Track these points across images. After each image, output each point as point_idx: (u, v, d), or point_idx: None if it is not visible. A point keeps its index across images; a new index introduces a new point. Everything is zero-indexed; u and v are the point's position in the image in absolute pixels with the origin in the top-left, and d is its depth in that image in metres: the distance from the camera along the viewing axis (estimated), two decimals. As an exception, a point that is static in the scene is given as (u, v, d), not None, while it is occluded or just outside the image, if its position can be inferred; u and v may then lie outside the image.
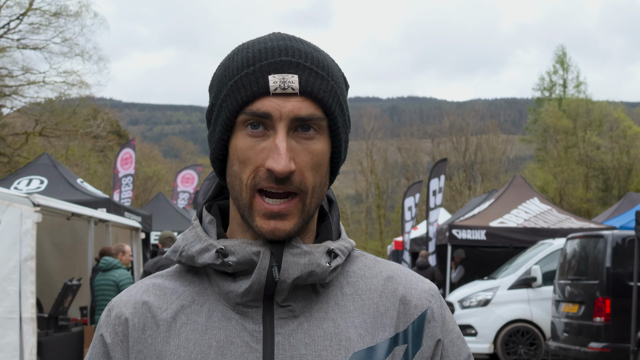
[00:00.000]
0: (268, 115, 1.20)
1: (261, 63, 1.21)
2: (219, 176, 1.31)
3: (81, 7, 30.14)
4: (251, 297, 1.24)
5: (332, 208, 1.36)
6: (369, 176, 60.37)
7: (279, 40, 1.24)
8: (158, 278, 1.35)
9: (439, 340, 1.30)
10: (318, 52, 1.26)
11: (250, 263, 1.23)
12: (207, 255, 1.25)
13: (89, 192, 13.96)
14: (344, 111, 1.27)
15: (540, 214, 17.77)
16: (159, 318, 1.28)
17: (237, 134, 1.23)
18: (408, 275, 1.34)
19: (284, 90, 1.20)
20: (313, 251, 1.24)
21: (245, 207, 1.22)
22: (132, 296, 1.32)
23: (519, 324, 13.35)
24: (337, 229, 1.33)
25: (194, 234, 1.29)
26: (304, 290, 1.26)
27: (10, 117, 32.29)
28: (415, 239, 21.80)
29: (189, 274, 1.33)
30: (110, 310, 1.32)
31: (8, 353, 7.31)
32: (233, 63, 1.24)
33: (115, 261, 9.71)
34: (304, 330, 1.24)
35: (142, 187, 49.00)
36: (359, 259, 1.36)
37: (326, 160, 1.25)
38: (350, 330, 1.26)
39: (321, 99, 1.22)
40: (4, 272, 7.38)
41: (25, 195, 8.06)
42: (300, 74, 1.21)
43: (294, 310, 1.25)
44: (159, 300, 1.30)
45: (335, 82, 1.25)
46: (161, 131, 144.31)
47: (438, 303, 1.33)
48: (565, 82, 49.19)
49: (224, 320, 1.25)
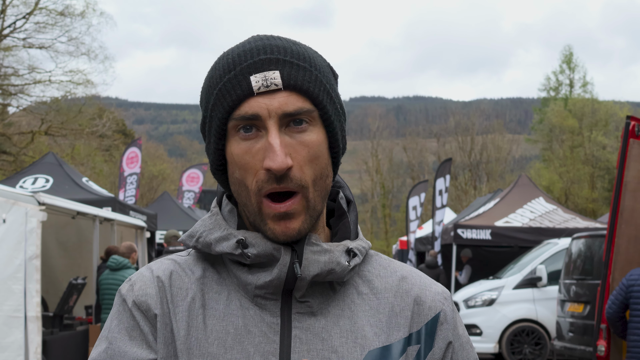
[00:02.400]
0: (256, 116, 1.20)
1: (241, 66, 1.21)
2: (223, 187, 1.32)
3: (87, 6, 30.22)
4: (270, 291, 1.24)
5: (350, 208, 1.36)
6: (375, 175, 60.33)
7: (257, 41, 1.24)
8: (177, 260, 1.33)
9: (450, 342, 1.31)
10: (297, 45, 1.25)
11: (270, 257, 1.23)
12: (225, 244, 1.25)
13: (94, 191, 13.98)
14: (333, 99, 1.26)
15: (545, 214, 17.74)
16: (178, 300, 1.27)
17: (231, 141, 1.23)
18: (421, 277, 1.37)
19: (267, 88, 1.20)
20: (333, 249, 1.25)
21: (255, 213, 1.23)
22: (153, 272, 1.30)
23: (524, 324, 13.32)
24: (355, 228, 1.34)
25: (214, 221, 1.29)
26: (322, 287, 1.27)
27: (16, 116, 32.35)
28: (420, 239, 21.78)
29: (205, 261, 1.32)
30: (133, 284, 1.29)
31: (13, 352, 7.33)
32: (216, 72, 1.25)
33: (125, 261, 9.69)
34: (321, 326, 1.25)
35: (147, 186, 49.06)
36: (374, 258, 1.37)
37: (324, 150, 1.24)
38: (366, 329, 1.27)
39: (306, 90, 1.21)
40: (9, 270, 7.40)
41: (30, 194, 8.07)
42: (281, 69, 1.21)
43: (312, 307, 1.26)
44: (179, 281, 1.29)
45: (319, 72, 1.24)
46: (167, 130, 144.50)
47: (450, 306, 1.35)
48: (572, 81, 49.09)
49: (242, 309, 1.26)
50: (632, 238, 6.14)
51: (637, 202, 6.11)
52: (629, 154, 6.06)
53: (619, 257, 6.13)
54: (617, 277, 6.15)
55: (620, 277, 6.15)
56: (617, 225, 6.10)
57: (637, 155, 6.09)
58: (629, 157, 6.06)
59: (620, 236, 6.10)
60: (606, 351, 6.25)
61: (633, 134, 6.08)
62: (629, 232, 6.12)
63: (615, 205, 6.11)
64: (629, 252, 6.14)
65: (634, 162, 6.07)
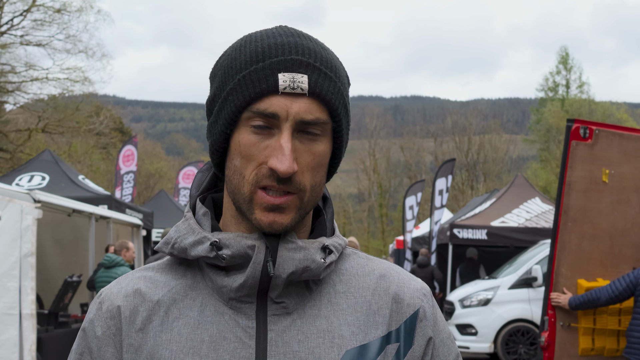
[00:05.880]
0: (275, 115, 1.18)
1: (271, 60, 1.19)
2: (216, 167, 1.30)
3: (85, 3, 30.19)
4: (245, 292, 1.23)
5: (326, 205, 1.35)
6: (372, 175, 60.36)
7: (289, 37, 1.22)
8: (149, 270, 1.33)
9: (430, 338, 1.30)
10: (326, 51, 1.24)
11: (245, 257, 1.22)
12: (200, 248, 1.23)
13: (90, 189, 13.97)
14: (347, 112, 1.26)
15: (541, 214, 17.75)
16: (151, 311, 1.26)
17: (241, 129, 1.21)
18: (400, 274, 1.34)
19: (293, 90, 1.17)
20: (308, 247, 1.23)
21: (244, 201, 1.21)
22: (122, 288, 1.30)
23: (520, 324, 13.33)
24: (331, 225, 1.32)
25: (187, 226, 1.27)
26: (297, 287, 1.25)
27: (13, 113, 32.34)
28: (416, 238, 21.78)
29: (181, 266, 1.31)
30: (102, 303, 1.30)
31: (8, 349, 7.32)
32: (240, 56, 1.22)
33: (118, 258, 9.71)
34: (297, 327, 1.23)
35: (144, 184, 49.06)
36: (352, 257, 1.35)
37: (327, 161, 1.24)
38: (343, 328, 1.25)
39: (328, 101, 1.20)
40: (4, 268, 7.39)
41: (25, 192, 8.06)
42: (310, 74, 1.19)
43: (288, 307, 1.24)
44: (150, 292, 1.28)
45: (341, 84, 1.23)
46: (164, 128, 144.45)
47: (430, 302, 1.32)
48: (568, 82, 49.16)
49: (217, 315, 1.24)
50: (586, 235, 6.31)
51: (589, 201, 6.31)
52: (573, 155, 6.29)
53: (566, 254, 6.31)
54: (565, 273, 6.33)
55: (569, 272, 6.34)
56: (560, 224, 6.29)
57: (583, 156, 6.31)
58: (574, 158, 6.29)
59: (567, 234, 6.29)
60: (546, 341, 6.39)
61: (577, 136, 6.31)
62: (581, 229, 6.30)
63: (558, 204, 6.35)
64: (582, 249, 6.32)
65: (580, 163, 6.30)
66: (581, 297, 6.20)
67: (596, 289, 6.14)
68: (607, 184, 6.35)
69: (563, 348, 6.40)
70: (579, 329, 6.40)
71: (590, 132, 6.34)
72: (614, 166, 6.37)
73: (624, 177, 6.39)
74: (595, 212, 6.33)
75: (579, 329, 6.40)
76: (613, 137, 6.38)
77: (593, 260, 6.35)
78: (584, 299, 6.17)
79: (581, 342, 6.39)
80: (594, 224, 6.33)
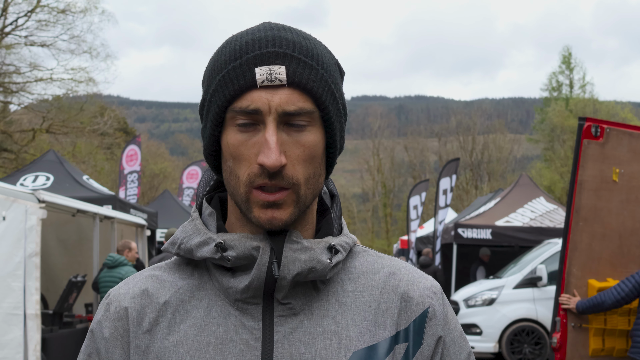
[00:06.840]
0: (257, 111, 1.16)
1: (248, 55, 1.17)
2: (214, 171, 1.29)
3: (89, 4, 30.23)
4: (251, 294, 1.21)
5: (334, 203, 1.33)
6: (376, 175, 60.35)
7: (267, 31, 1.20)
8: (157, 270, 1.32)
9: (440, 337, 1.28)
10: (308, 40, 1.22)
11: (250, 258, 1.20)
12: (205, 249, 1.23)
13: (94, 189, 13.98)
14: (337, 100, 1.23)
15: (546, 213, 17.72)
16: (159, 312, 1.26)
17: (228, 130, 1.20)
18: (410, 272, 1.32)
19: (271, 83, 1.16)
20: (314, 247, 1.22)
21: (242, 201, 1.19)
22: (130, 289, 1.30)
23: (524, 323, 13.31)
24: (338, 224, 1.31)
25: (193, 227, 1.27)
26: (305, 287, 1.24)
27: (18, 113, 32.37)
28: (420, 238, 21.75)
29: (188, 266, 1.31)
30: (110, 304, 1.30)
31: (12, 349, 7.32)
32: (221, 57, 1.21)
33: (121, 258, 9.72)
34: (303, 329, 1.22)
35: (148, 184, 49.12)
36: (361, 254, 1.33)
37: (320, 151, 1.21)
38: (350, 329, 1.23)
39: (310, 89, 1.17)
40: (9, 268, 7.39)
41: (30, 192, 8.07)
42: (288, 64, 1.17)
43: (294, 308, 1.23)
44: (158, 293, 1.28)
45: (325, 71, 1.21)
46: (168, 129, 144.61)
47: (440, 301, 1.30)
48: (572, 82, 49.09)
49: (223, 316, 1.23)
50: (597, 235, 6.26)
51: (600, 201, 6.26)
52: (585, 153, 6.23)
53: (577, 254, 6.26)
54: (576, 273, 6.27)
55: (580, 272, 6.30)
56: (571, 224, 6.24)
57: (594, 154, 6.25)
58: (585, 157, 6.22)
59: (578, 233, 6.24)
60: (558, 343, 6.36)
61: (588, 134, 6.24)
62: (592, 229, 6.25)
63: (569, 204, 6.26)
64: (592, 249, 6.27)
65: (592, 162, 6.24)
66: (587, 301, 6.16)
67: (601, 293, 6.10)
68: (617, 183, 6.30)
69: (574, 349, 6.37)
70: (590, 329, 6.37)
71: (602, 131, 6.27)
72: (624, 165, 6.32)
73: (633, 177, 6.35)
74: (606, 211, 6.28)
75: (590, 329, 6.37)
76: (623, 135, 6.33)
77: (603, 260, 6.30)
78: (590, 303, 6.14)
79: (592, 343, 6.37)
80: (605, 223, 6.28)
